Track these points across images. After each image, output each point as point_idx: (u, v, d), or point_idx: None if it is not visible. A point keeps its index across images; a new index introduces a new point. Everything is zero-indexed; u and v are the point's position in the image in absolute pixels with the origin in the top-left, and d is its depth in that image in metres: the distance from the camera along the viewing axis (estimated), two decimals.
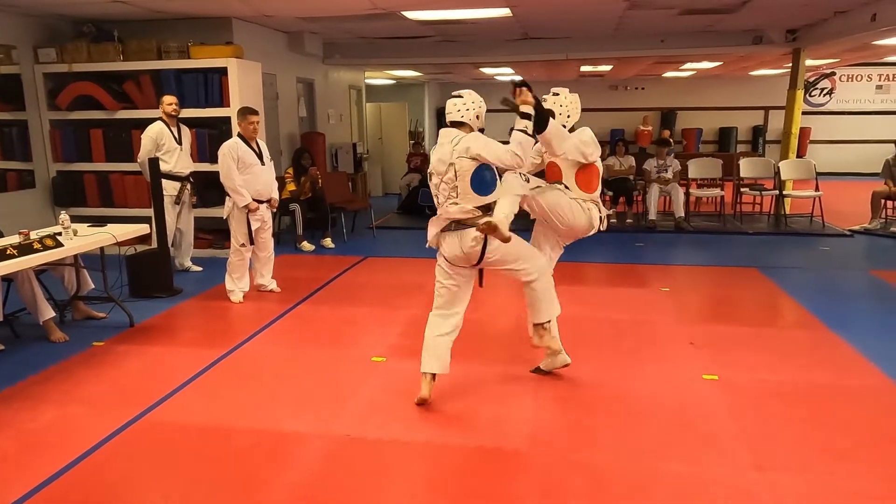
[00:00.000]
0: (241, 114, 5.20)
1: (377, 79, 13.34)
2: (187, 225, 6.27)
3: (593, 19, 7.61)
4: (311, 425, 3.21)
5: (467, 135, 3.18)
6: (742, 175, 8.80)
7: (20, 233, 4.11)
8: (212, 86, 6.51)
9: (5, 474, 2.80)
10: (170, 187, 5.87)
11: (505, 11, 6.82)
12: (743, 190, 8.88)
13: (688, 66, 12.11)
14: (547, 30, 8.51)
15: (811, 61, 10.87)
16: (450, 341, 3.38)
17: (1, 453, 2.98)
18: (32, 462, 2.89)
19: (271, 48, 7.96)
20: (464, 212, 3.18)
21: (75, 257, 4.54)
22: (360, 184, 10.40)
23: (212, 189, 6.61)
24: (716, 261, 6.80)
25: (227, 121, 6.39)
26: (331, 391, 3.61)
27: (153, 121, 5.97)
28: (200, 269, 6.33)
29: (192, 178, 6.18)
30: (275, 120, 8.05)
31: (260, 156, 5.25)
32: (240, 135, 5.20)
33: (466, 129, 3.23)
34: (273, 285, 5.56)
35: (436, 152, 3.26)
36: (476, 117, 3.25)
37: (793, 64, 8.89)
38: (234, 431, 3.16)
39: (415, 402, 3.35)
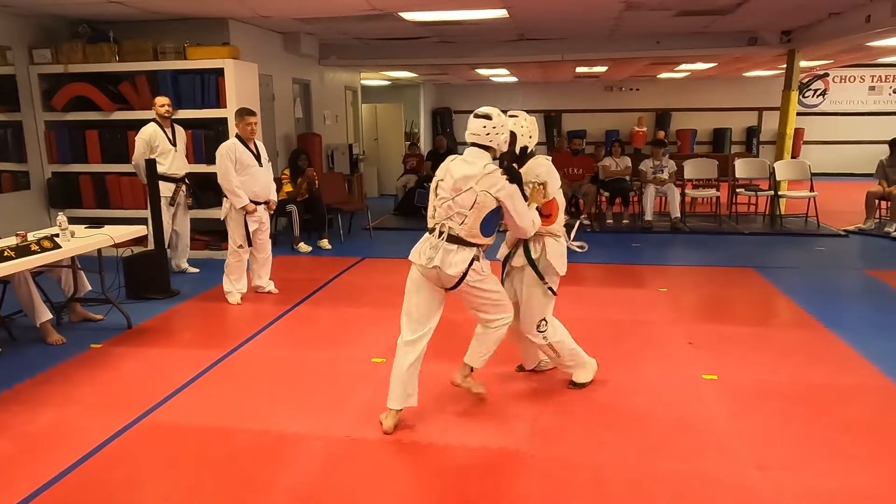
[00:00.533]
0: (239, 115, 5.19)
1: (373, 80, 13.33)
2: (183, 227, 6.25)
3: (589, 20, 7.63)
4: (312, 426, 3.20)
5: (496, 174, 2.92)
6: (737, 175, 8.83)
7: (17, 234, 4.08)
8: (208, 87, 6.49)
9: (4, 478, 2.78)
10: (164, 189, 5.84)
11: (502, 13, 6.83)
12: (738, 190, 8.91)
13: (683, 67, 12.15)
14: (543, 31, 8.52)
15: (805, 62, 10.93)
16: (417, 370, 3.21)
17: None
18: (31, 465, 2.87)
19: (268, 49, 7.95)
20: (469, 235, 3.00)
21: (72, 259, 4.52)
22: (357, 185, 10.39)
23: (208, 190, 6.61)
24: (712, 261, 6.82)
25: (224, 122, 6.37)
26: (331, 392, 3.61)
27: (149, 122, 5.95)
28: (197, 270, 6.31)
29: (187, 180, 6.16)
30: (271, 121, 8.03)
31: (258, 157, 5.24)
32: (238, 136, 5.19)
33: (490, 154, 3.01)
34: (271, 287, 5.55)
35: (458, 167, 2.99)
36: (504, 141, 3.04)
37: (787, 65, 8.93)
38: (234, 433, 3.15)
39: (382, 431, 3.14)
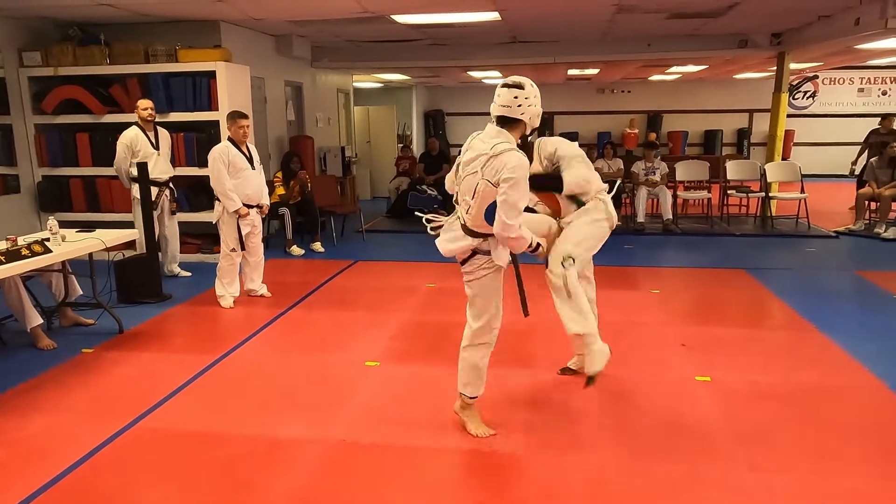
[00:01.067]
0: (231, 118, 5.17)
1: (365, 82, 13.32)
2: (171, 231, 6.20)
3: (582, 23, 7.65)
4: (306, 431, 3.19)
5: (504, 155, 2.64)
6: (729, 177, 8.87)
7: (7, 239, 4.05)
8: (200, 89, 6.47)
9: None
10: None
11: (494, 15, 6.85)
12: (729, 192, 8.95)
13: (674, 69, 12.21)
14: (535, 34, 8.54)
15: (795, 65, 11.00)
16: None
17: None
18: (23, 472, 2.85)
19: (259, 51, 7.93)
20: (474, 225, 2.84)
21: (63, 263, 4.49)
22: (349, 187, 10.37)
23: (200, 193, 6.59)
24: (704, 262, 6.85)
25: (216, 125, 6.35)
26: (325, 396, 3.60)
27: (132, 125, 5.91)
28: (189, 274, 6.28)
29: (171, 184, 6.10)
30: (263, 124, 8.01)
31: (250, 160, 5.23)
32: (230, 139, 5.17)
33: (518, 131, 2.76)
34: (263, 290, 5.53)
35: (475, 144, 2.78)
36: (537, 115, 2.76)
37: (777, 67, 8.98)
38: (228, 438, 3.14)
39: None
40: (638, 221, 8.46)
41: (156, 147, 5.92)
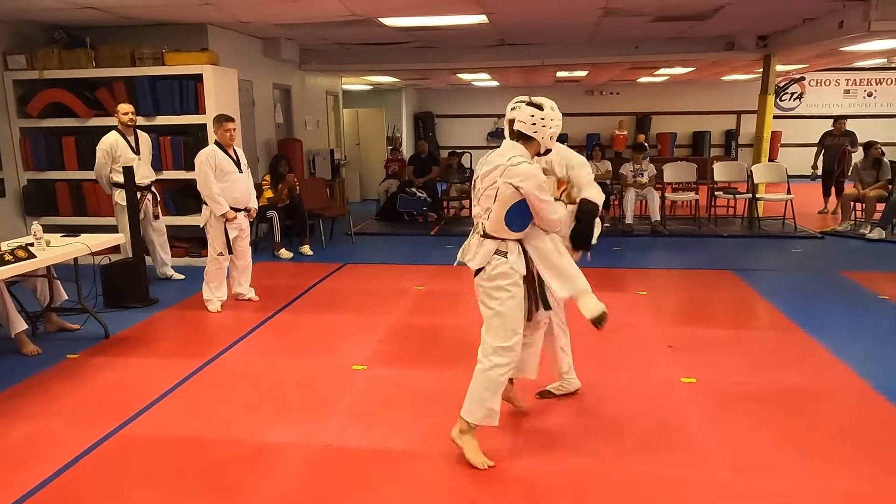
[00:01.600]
0: (217, 121, 5.16)
1: (354, 84, 13.31)
2: (158, 235, 6.16)
3: (569, 26, 7.68)
4: (292, 435, 3.19)
5: (521, 166, 2.72)
6: (716, 178, 8.93)
7: None
8: (187, 93, 6.44)
9: None
10: (123, 197, 5.74)
11: (481, 18, 6.86)
12: (717, 193, 9.01)
13: (662, 71, 12.27)
14: (523, 36, 8.57)
15: (781, 66, 11.09)
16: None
17: None
18: (7, 478, 2.83)
19: (247, 54, 7.91)
20: (493, 230, 2.84)
21: (48, 268, 4.46)
22: (338, 190, 10.35)
23: (187, 197, 6.56)
24: (691, 264, 6.89)
25: (203, 128, 6.33)
26: (311, 400, 3.59)
27: (111, 129, 5.87)
28: (183, 277, 6.23)
29: (153, 189, 6.05)
30: (251, 127, 7.99)
31: (237, 163, 5.21)
32: (217, 142, 5.16)
33: (533, 148, 2.82)
34: (251, 294, 5.51)
35: (492, 158, 2.84)
36: (552, 137, 2.82)
37: (764, 69, 9.06)
38: (214, 443, 3.13)
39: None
40: (626, 223, 8.50)
41: (136, 152, 5.87)
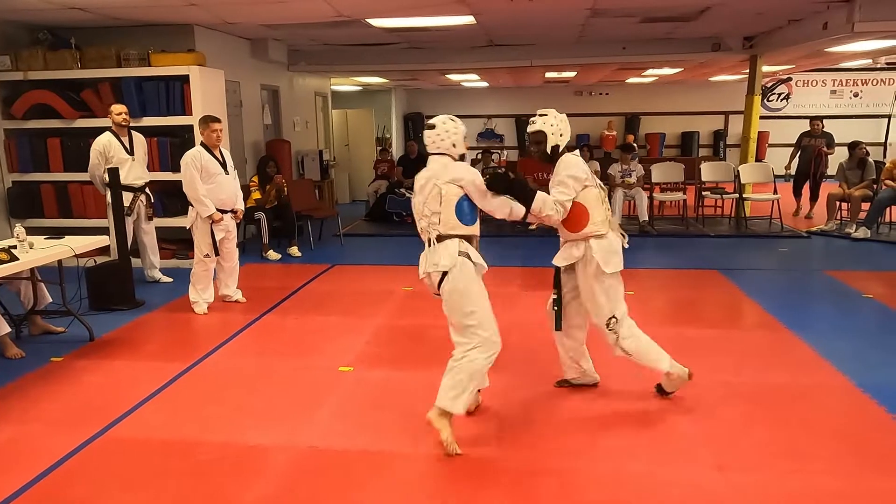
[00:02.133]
0: (203, 122, 5.14)
1: (343, 85, 13.29)
2: (149, 237, 6.14)
3: (557, 27, 7.70)
4: (277, 438, 3.18)
5: (451, 166, 3.07)
6: (703, 179, 8.97)
7: None
8: (173, 94, 6.41)
9: None
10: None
11: (469, 19, 6.87)
12: (705, 193, 9.06)
13: (650, 72, 12.33)
14: (511, 37, 8.58)
15: (768, 67, 11.16)
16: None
17: None
18: None
19: (234, 55, 7.88)
20: (447, 229, 3.03)
21: (32, 271, 4.43)
22: (327, 191, 10.34)
23: (174, 198, 6.52)
24: (679, 264, 6.92)
25: (190, 129, 6.29)
26: (297, 402, 3.58)
27: (105, 130, 5.84)
28: (171, 279, 6.20)
29: (147, 190, 6.03)
30: (239, 128, 7.96)
31: (224, 165, 5.19)
32: (203, 143, 5.14)
33: (449, 156, 3.11)
34: (238, 296, 5.49)
35: (421, 174, 3.12)
36: (452, 145, 3.10)
37: (750, 70, 9.12)
38: (198, 445, 3.11)
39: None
40: None
41: (130, 152, 5.85)
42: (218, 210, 5.10)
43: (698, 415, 3.36)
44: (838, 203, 8.46)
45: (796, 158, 9.87)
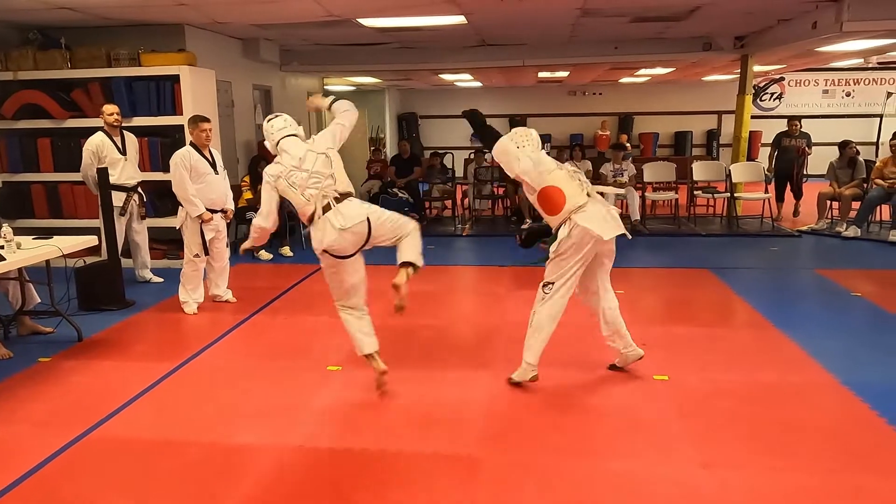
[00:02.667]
0: (193, 122, 5.13)
1: (337, 85, 13.26)
2: (140, 237, 6.13)
3: (548, 26, 7.72)
4: (264, 437, 3.17)
5: (315, 135, 3.85)
6: (695, 178, 9.00)
7: None
8: (164, 94, 6.40)
9: None
10: (114, 199, 5.69)
11: (460, 19, 6.87)
12: (696, 193, 9.09)
13: (642, 71, 12.35)
14: (503, 37, 8.59)
15: (759, 67, 11.20)
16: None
17: None
18: None
19: (226, 55, 7.87)
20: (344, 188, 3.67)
21: (20, 271, 4.42)
22: None
23: (165, 198, 6.51)
24: (670, 263, 6.94)
25: (181, 129, 6.28)
26: (285, 402, 3.58)
27: (98, 130, 5.82)
28: (161, 280, 6.18)
29: (139, 189, 6.02)
30: (231, 127, 7.94)
31: (213, 165, 5.19)
32: (192, 143, 5.13)
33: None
34: (228, 296, 5.49)
35: (295, 151, 3.63)
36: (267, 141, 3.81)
37: (741, 70, 9.15)
38: (185, 445, 3.11)
39: (380, 374, 3.59)
40: None
41: (122, 152, 5.84)
42: (208, 210, 5.09)
43: (683, 412, 3.37)
44: (829, 202, 8.50)
45: (775, 160, 9.86)
